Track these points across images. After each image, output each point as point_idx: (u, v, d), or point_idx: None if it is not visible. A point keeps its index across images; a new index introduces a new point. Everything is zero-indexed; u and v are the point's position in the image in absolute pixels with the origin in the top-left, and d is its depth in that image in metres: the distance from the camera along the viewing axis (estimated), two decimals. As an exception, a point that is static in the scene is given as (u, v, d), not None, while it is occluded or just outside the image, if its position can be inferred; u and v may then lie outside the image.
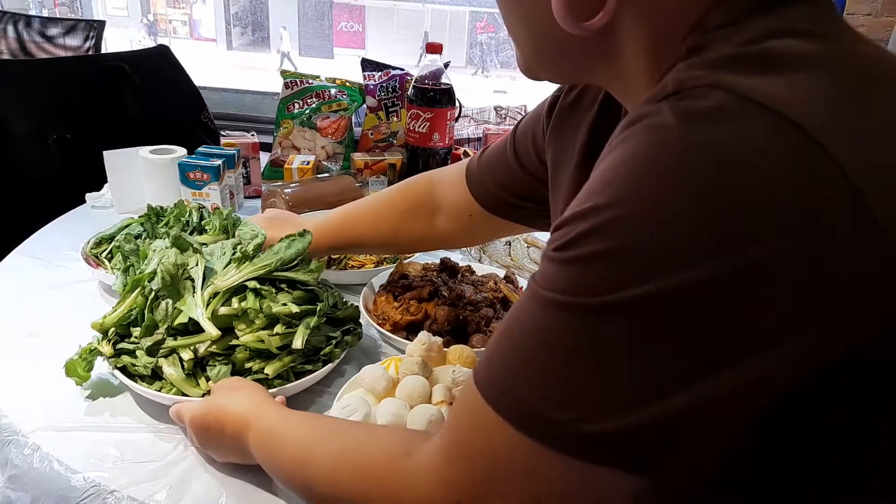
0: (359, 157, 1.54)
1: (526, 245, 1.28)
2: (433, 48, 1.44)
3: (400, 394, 0.78)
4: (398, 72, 1.64)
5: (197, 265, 0.86)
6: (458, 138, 1.99)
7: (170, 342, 0.80)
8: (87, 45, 2.87)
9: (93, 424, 0.79)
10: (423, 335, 0.87)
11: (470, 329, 0.97)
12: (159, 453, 0.75)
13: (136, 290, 0.85)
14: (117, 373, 0.80)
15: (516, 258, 1.24)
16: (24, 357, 0.91)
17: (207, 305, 0.81)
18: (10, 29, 2.98)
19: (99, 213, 1.42)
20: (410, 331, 0.97)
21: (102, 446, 0.75)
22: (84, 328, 0.97)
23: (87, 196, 1.44)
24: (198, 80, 2.09)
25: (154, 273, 0.84)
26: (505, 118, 2.31)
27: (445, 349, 0.88)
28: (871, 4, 2.44)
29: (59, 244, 1.24)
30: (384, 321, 0.99)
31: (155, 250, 0.91)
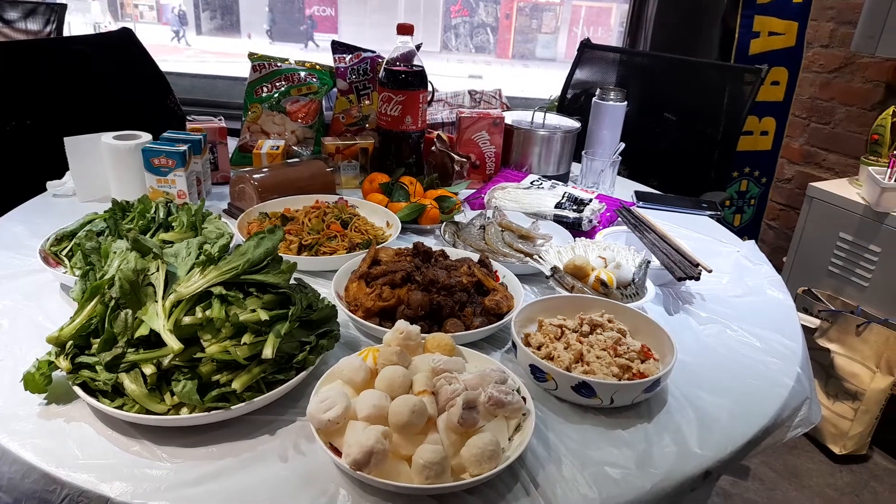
0: (330, 142, 1.51)
1: (500, 229, 1.26)
2: (404, 29, 1.41)
3: (379, 385, 0.76)
4: (369, 54, 1.61)
5: (158, 271, 0.81)
6: (433, 122, 1.96)
7: (131, 355, 0.75)
8: (47, 28, 2.78)
9: (54, 424, 0.76)
10: (401, 324, 0.85)
11: (444, 313, 0.96)
12: (121, 454, 0.72)
13: (96, 299, 0.80)
14: (77, 389, 0.75)
15: (490, 242, 1.23)
16: (-18, 351, 0.87)
17: (170, 315, 0.76)
18: (-33, 12, 2.88)
19: (60, 201, 1.37)
20: (383, 317, 0.96)
21: (65, 446, 0.73)
22: (44, 319, 0.94)
23: (48, 184, 1.39)
24: (167, 65, 2.03)
25: (113, 279, 0.79)
26: (479, 102, 2.29)
27: (423, 337, 0.86)
28: (841, -14, 2.46)
29: (18, 234, 1.20)
30: (356, 308, 0.97)
31: (115, 252, 0.86)
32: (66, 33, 2.78)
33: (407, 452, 0.70)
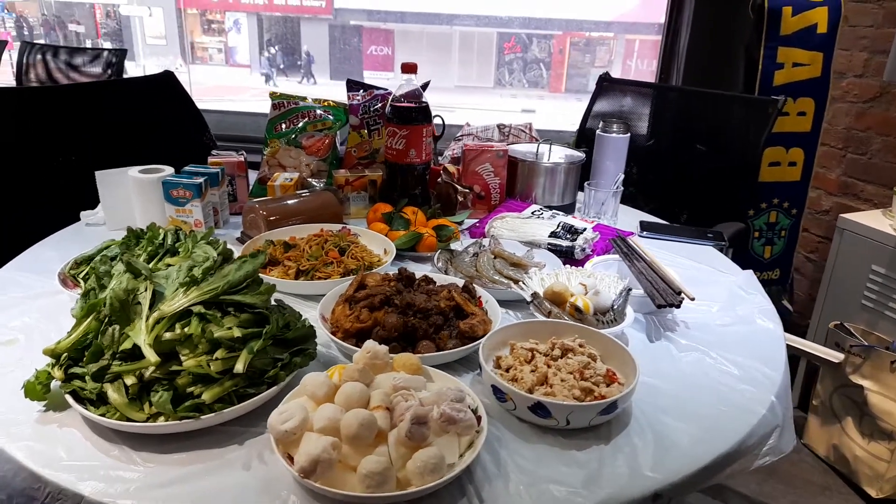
0: (340, 174, 1.59)
1: (492, 256, 1.30)
2: (408, 68, 1.49)
3: (338, 400, 0.81)
4: (381, 91, 1.70)
5: (146, 290, 0.88)
6: (458, 157, 2.02)
7: (115, 367, 0.82)
8: (108, 71, 3.02)
9: (48, 429, 0.83)
10: (369, 343, 0.90)
11: (419, 335, 1.00)
12: (101, 457, 0.79)
13: (91, 315, 0.88)
14: (68, 397, 0.83)
15: (482, 269, 1.26)
16: (-3, 363, 0.96)
17: (151, 331, 0.83)
18: (39, 58, 3.17)
19: (92, 229, 1.49)
20: (360, 338, 1.00)
21: (53, 449, 0.80)
22: (57, 336, 1.02)
23: (82, 214, 1.51)
24: (231, 105, 2.18)
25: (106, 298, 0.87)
26: (508, 136, 2.33)
27: (392, 356, 0.91)
28: (873, 16, 2.41)
29: (49, 259, 1.31)
30: (337, 329, 1.03)
31: (114, 274, 0.94)
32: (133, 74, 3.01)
33: (357, 464, 0.74)
